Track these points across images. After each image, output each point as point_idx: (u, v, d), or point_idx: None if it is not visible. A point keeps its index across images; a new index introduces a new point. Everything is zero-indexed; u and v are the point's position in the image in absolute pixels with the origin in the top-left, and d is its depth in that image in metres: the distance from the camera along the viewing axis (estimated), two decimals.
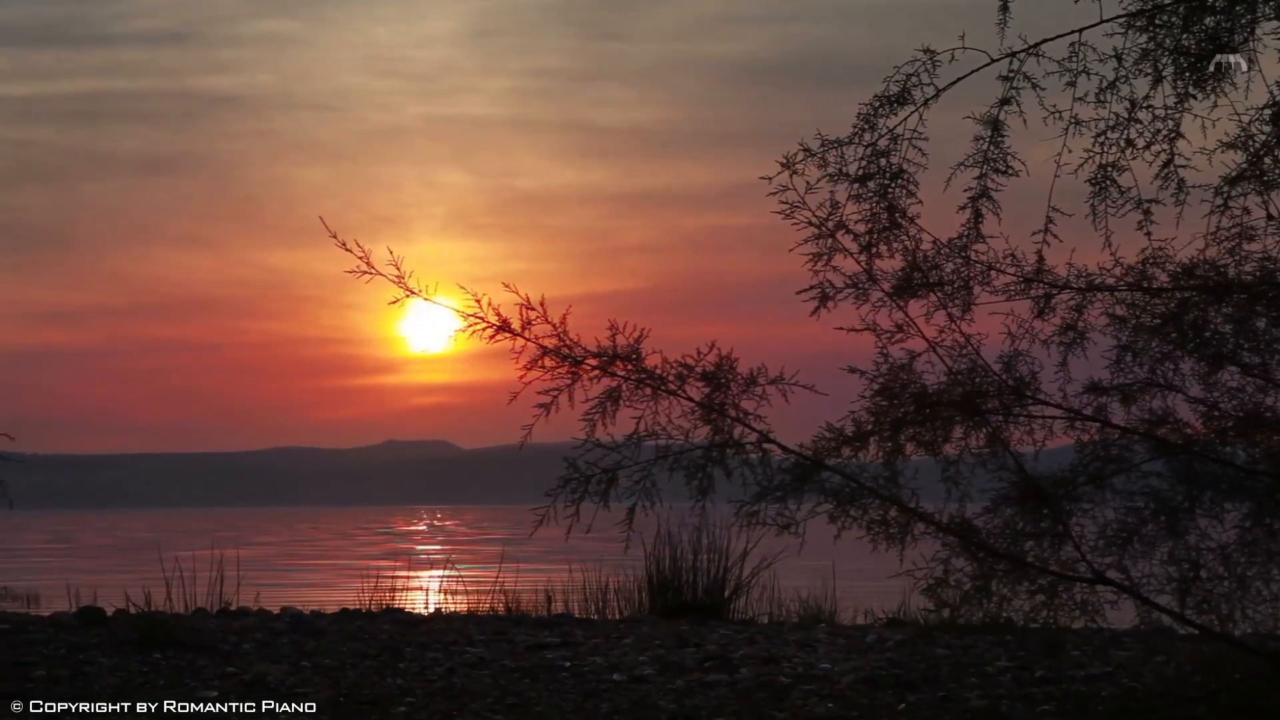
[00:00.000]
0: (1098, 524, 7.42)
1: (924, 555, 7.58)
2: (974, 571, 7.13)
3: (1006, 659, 10.47)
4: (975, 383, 7.30)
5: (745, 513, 7.05)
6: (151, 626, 11.09)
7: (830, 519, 7.13)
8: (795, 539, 7.12)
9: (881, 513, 7.05)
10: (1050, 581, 7.14)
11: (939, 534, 7.12)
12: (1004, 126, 7.22)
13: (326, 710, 8.58)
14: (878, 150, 7.17)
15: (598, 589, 15.17)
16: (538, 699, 8.97)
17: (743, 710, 8.62)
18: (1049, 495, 7.09)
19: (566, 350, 6.86)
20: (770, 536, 14.56)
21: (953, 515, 7.24)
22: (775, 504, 6.95)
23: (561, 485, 7.05)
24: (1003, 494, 7.23)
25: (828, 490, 7.08)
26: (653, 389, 6.83)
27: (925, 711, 8.49)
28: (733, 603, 14.86)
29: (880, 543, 7.15)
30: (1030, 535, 7.14)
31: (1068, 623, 7.47)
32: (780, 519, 7.05)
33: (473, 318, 6.93)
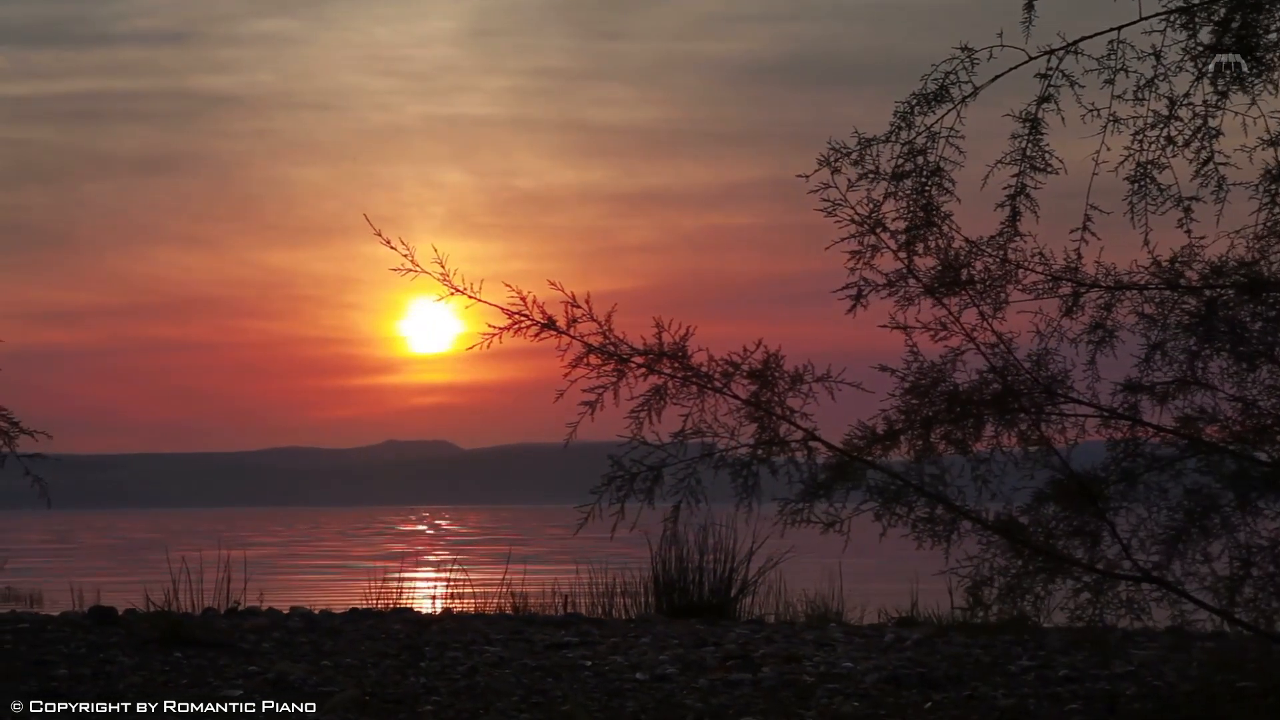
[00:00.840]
0: (1130, 523, 7.41)
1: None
2: (1019, 569, 7.11)
3: (1028, 658, 10.48)
4: (1008, 381, 7.29)
5: (789, 511, 7.04)
6: (171, 625, 11.09)
7: (875, 517, 7.12)
8: (838, 535, 7.09)
9: (928, 511, 7.04)
10: (1095, 579, 7.12)
11: (984, 532, 7.10)
12: (1043, 124, 7.22)
13: (353, 709, 8.57)
14: (915, 148, 7.17)
15: (606, 589, 15.16)
16: (562, 698, 8.97)
17: (769, 709, 8.61)
18: (1095, 493, 7.08)
19: (611, 348, 6.84)
20: (776, 536, 14.60)
21: (998, 513, 7.22)
22: (820, 502, 6.93)
23: (606, 483, 7.03)
24: (1044, 491, 7.21)
25: (872, 488, 7.07)
26: (698, 387, 6.81)
27: (952, 710, 8.49)
28: (739, 602, 14.88)
29: (925, 541, 7.14)
30: (1074, 533, 7.13)
31: (1113, 621, 7.46)
32: (825, 517, 7.03)
33: (518, 315, 6.90)
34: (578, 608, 15.07)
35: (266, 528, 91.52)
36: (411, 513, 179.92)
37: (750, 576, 15.01)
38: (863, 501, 7.09)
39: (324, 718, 8.31)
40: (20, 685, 9.20)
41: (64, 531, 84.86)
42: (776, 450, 6.83)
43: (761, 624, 13.65)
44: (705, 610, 14.47)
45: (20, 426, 8.83)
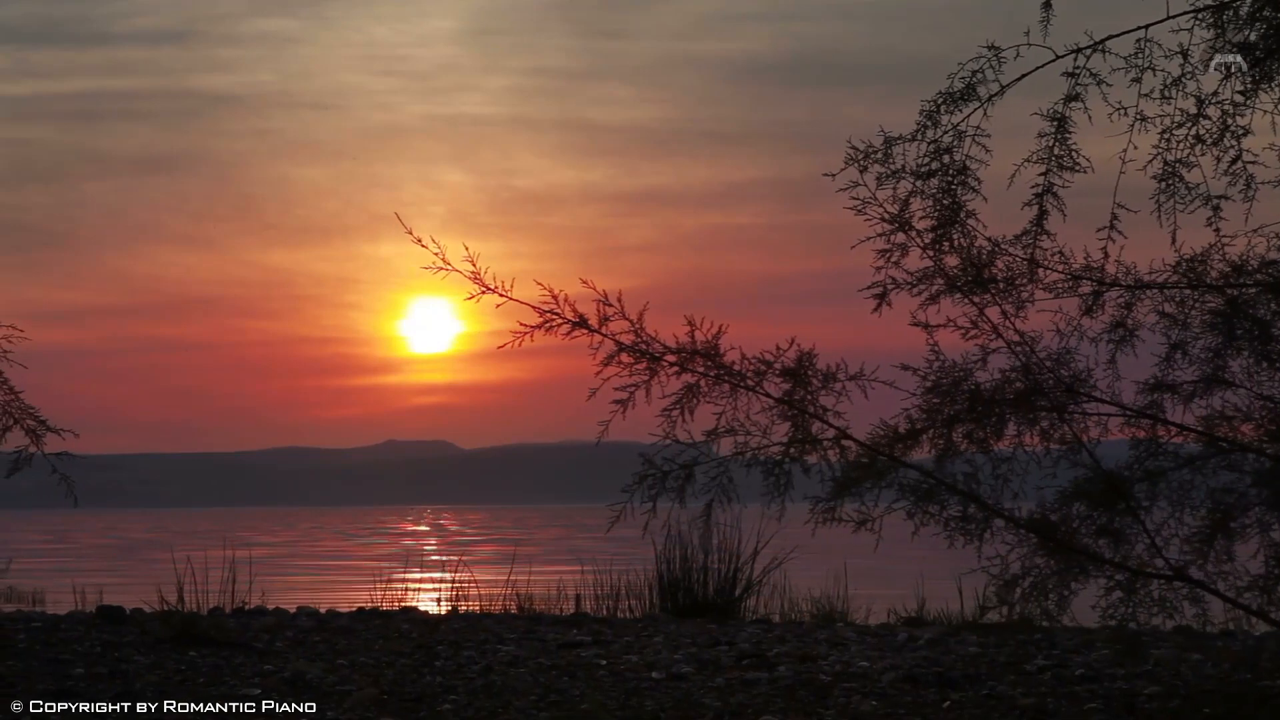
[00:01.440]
0: (1153, 521, 7.40)
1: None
2: (1051, 568, 7.10)
3: (1043, 657, 10.47)
4: (1031, 379, 7.28)
5: (821, 510, 7.03)
6: (185, 624, 11.08)
7: (907, 516, 7.11)
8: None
9: (961, 509, 7.03)
10: (1127, 578, 7.11)
11: (1017, 531, 7.09)
12: (1070, 123, 7.21)
13: (372, 708, 8.57)
14: (941, 147, 7.16)
15: (611, 589, 15.15)
16: (580, 696, 8.97)
17: (788, 707, 8.61)
18: (1126, 491, 7.07)
19: (643, 347, 6.83)
20: (780, 536, 14.62)
21: (1031, 512, 7.22)
22: (852, 501, 6.92)
23: (638, 481, 7.02)
24: (1074, 489, 7.21)
25: (905, 487, 7.06)
26: (731, 385, 6.80)
27: (971, 710, 8.48)
28: (743, 602, 14.87)
29: (956, 539, 7.13)
30: (1104, 531, 7.12)
31: (1146, 620, 7.45)
32: (857, 516, 7.03)
33: (549, 314, 6.89)
34: (584, 607, 15.06)
35: (267, 527, 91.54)
36: (410, 513, 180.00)
37: (755, 576, 15.01)
38: (895, 500, 7.08)
39: (344, 716, 8.30)
40: (37, 684, 9.20)
41: (63, 531, 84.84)
42: (809, 449, 6.81)
43: (771, 624, 13.64)
44: (710, 610, 14.47)
45: (48, 425, 8.82)
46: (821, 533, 7.12)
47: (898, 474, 7.04)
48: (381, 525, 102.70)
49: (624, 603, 15.04)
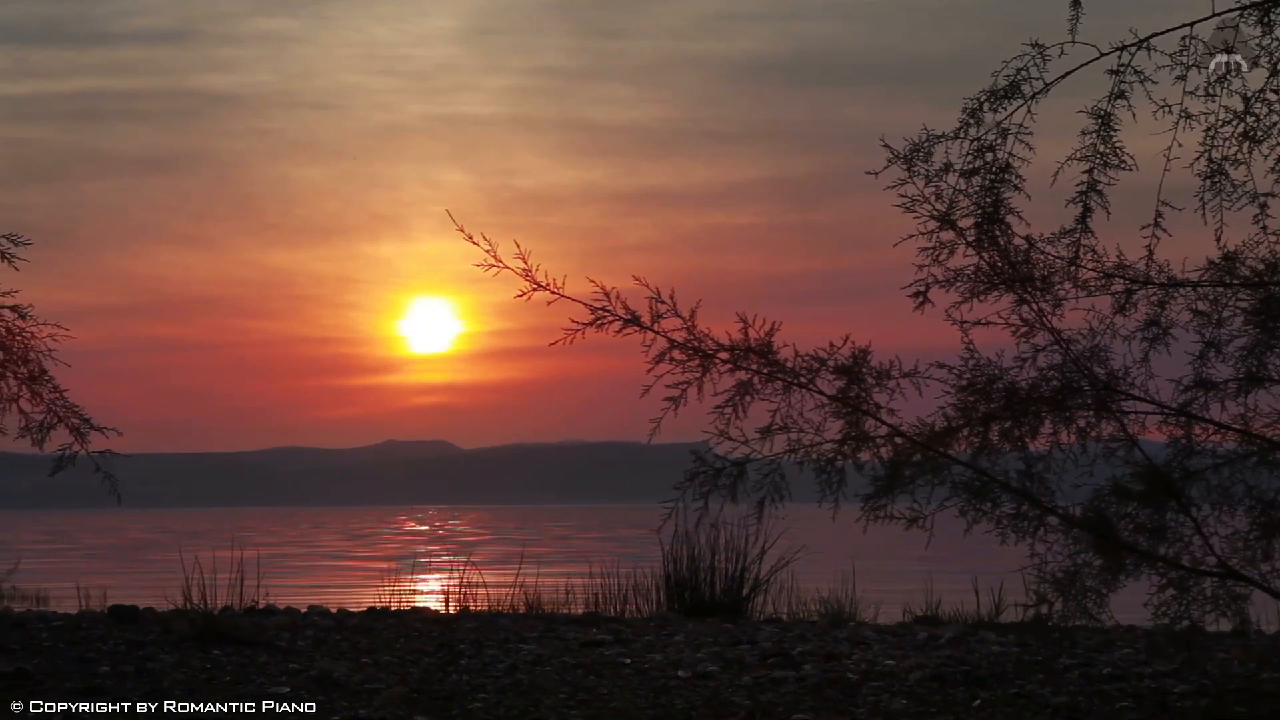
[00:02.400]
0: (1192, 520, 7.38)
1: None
2: (1103, 566, 7.09)
3: (1068, 656, 10.47)
4: (1068, 378, 7.28)
5: (872, 507, 7.02)
6: (207, 623, 11.08)
7: (960, 513, 7.10)
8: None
9: (1014, 507, 7.02)
10: (1180, 575, 7.11)
11: (1070, 528, 7.08)
12: (1114, 120, 7.21)
13: (403, 706, 8.57)
14: (984, 145, 7.16)
15: (619, 588, 15.14)
16: (609, 695, 8.96)
17: (818, 706, 8.61)
18: (1177, 489, 7.06)
19: (695, 344, 6.81)
20: (787, 536, 14.61)
21: (1084, 509, 7.21)
22: (903, 498, 6.91)
23: (690, 479, 7.00)
24: (1123, 487, 7.19)
25: (958, 484, 7.05)
26: (784, 383, 6.79)
27: (1003, 708, 8.48)
28: (751, 601, 14.87)
29: (1009, 536, 7.12)
30: (1156, 529, 7.11)
31: (1199, 617, 7.44)
32: (909, 513, 7.02)
33: (601, 311, 6.88)
34: (593, 607, 15.06)
35: (268, 527, 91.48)
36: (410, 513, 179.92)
37: (762, 576, 15.01)
38: (947, 498, 7.07)
39: (375, 715, 8.30)
40: (64, 682, 9.19)
41: (64, 532, 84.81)
42: (863, 446, 6.80)
43: (789, 623, 13.62)
44: (718, 610, 14.47)
45: (91, 423, 8.81)
46: (824, 532, 7.12)
47: (951, 471, 7.02)
48: (385, 525, 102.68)
49: (632, 602, 15.03)
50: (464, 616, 13.64)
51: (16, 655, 10.12)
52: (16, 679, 9.27)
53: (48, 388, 8.65)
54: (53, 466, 8.87)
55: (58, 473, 8.92)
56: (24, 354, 8.51)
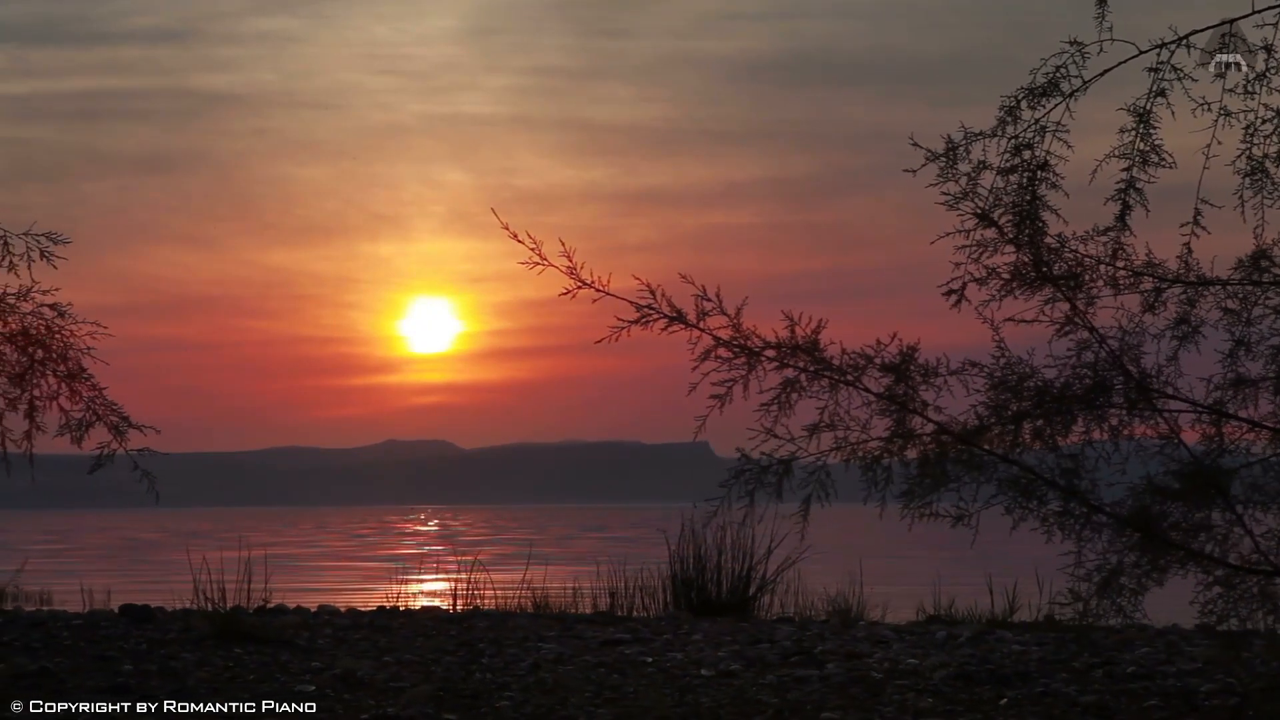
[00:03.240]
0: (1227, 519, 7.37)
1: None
2: (1148, 563, 7.08)
3: (1090, 654, 10.46)
4: (1100, 376, 7.27)
5: (917, 505, 7.01)
6: (227, 622, 11.08)
7: (1006, 511, 7.09)
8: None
9: (1062, 504, 7.01)
10: (1226, 574, 7.09)
11: (1114, 526, 7.07)
12: (1153, 118, 7.20)
13: (430, 704, 8.56)
14: (1021, 143, 7.15)
15: (626, 587, 15.14)
16: (635, 693, 8.96)
17: (846, 704, 8.60)
18: (1224, 486, 7.05)
19: (741, 342, 6.80)
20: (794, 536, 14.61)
21: (1131, 507, 7.19)
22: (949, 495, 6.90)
23: (735, 476, 6.99)
24: (1168, 485, 7.17)
25: (1004, 481, 7.04)
26: (830, 381, 6.78)
27: (1030, 707, 8.47)
28: (758, 600, 14.87)
29: (1054, 534, 7.11)
30: (1202, 527, 7.10)
31: (1247, 615, 7.43)
32: (955, 511, 7.01)
33: (646, 309, 6.86)
34: (602, 605, 15.06)
35: (269, 527, 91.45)
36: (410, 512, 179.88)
37: (769, 575, 15.01)
38: (993, 495, 7.06)
39: (404, 713, 8.30)
40: (88, 680, 9.19)
41: (64, 532, 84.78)
42: (909, 444, 6.79)
43: (807, 622, 13.62)
44: (725, 609, 14.48)
45: (130, 421, 8.80)
46: (829, 532, 7.11)
47: (996, 469, 7.01)
48: (386, 525, 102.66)
49: (643, 601, 15.03)
50: (475, 615, 13.64)
51: (39, 654, 10.12)
52: (40, 678, 9.27)
53: (86, 385, 8.64)
54: (91, 464, 8.85)
55: (96, 470, 8.90)
56: (63, 352, 8.51)
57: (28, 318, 8.42)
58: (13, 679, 9.17)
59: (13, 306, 8.37)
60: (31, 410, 8.66)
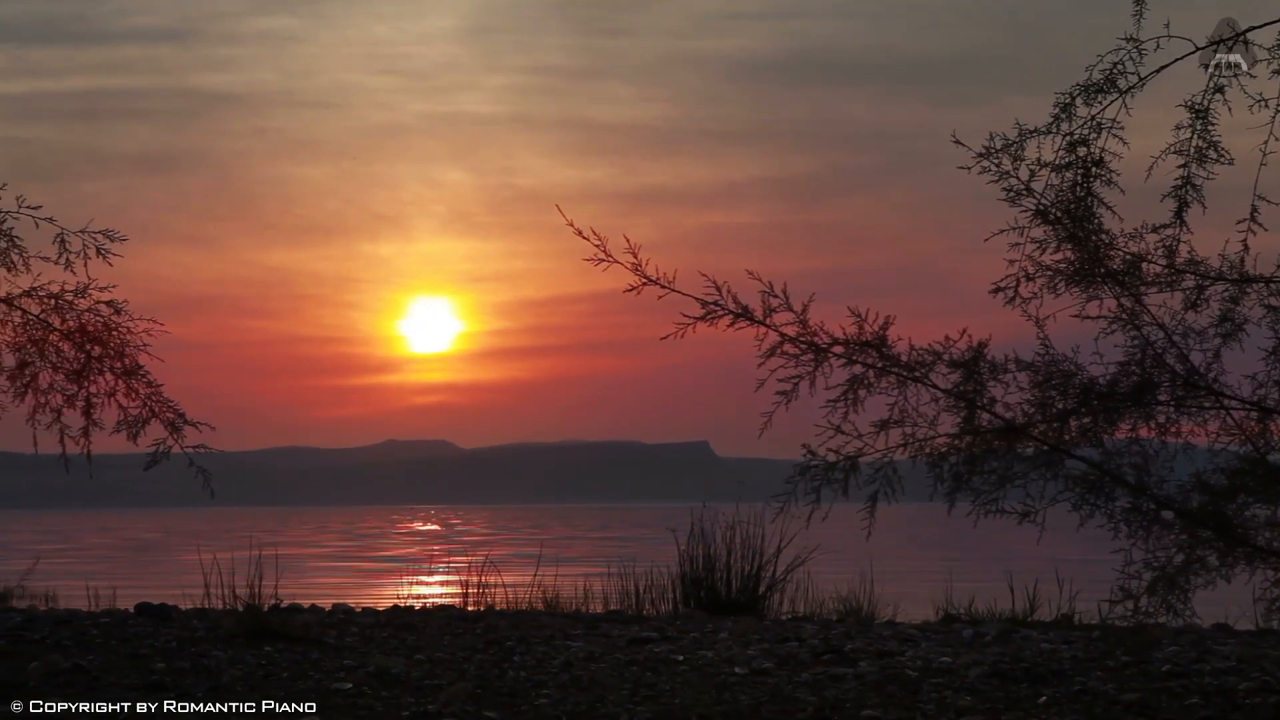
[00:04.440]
0: None
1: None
2: (1221, 560, 7.06)
3: (1122, 652, 10.45)
4: (1146, 372, 7.26)
5: (983, 502, 6.99)
6: (256, 620, 11.07)
7: (1073, 507, 7.08)
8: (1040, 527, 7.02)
9: (1130, 501, 6.99)
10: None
11: (1183, 524, 7.05)
12: (1212, 115, 7.19)
13: (469, 702, 8.55)
14: (1076, 140, 7.14)
15: (638, 587, 15.14)
16: (671, 691, 8.95)
17: (885, 702, 8.59)
18: None
19: (807, 338, 6.79)
20: (803, 536, 14.61)
21: (1201, 504, 7.17)
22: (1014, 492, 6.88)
23: (801, 473, 6.97)
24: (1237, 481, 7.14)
25: (1071, 478, 7.03)
26: (898, 377, 6.77)
27: (1071, 705, 8.46)
28: (768, 600, 14.88)
29: (1122, 532, 7.09)
30: (1272, 523, 7.08)
31: None
32: (1022, 507, 7.00)
33: (712, 305, 6.85)
34: (612, 605, 15.06)
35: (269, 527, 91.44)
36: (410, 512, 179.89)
37: (779, 575, 15.02)
38: (1060, 492, 7.05)
39: (444, 710, 8.29)
40: (123, 678, 9.18)
41: (64, 532, 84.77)
42: (978, 440, 6.77)
43: (833, 620, 13.62)
44: (734, 608, 14.48)
45: (186, 418, 8.80)
46: (835, 532, 7.09)
47: (1064, 465, 7.00)
48: (388, 525, 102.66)
49: (652, 600, 15.03)
50: (491, 614, 13.63)
51: (71, 652, 10.11)
52: (74, 675, 9.26)
53: (143, 382, 8.63)
54: (147, 461, 8.84)
55: (151, 467, 8.90)
56: (120, 348, 8.50)
57: (85, 315, 8.42)
58: (47, 676, 9.16)
59: (70, 304, 8.36)
60: (89, 407, 8.64)
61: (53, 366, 8.49)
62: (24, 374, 8.45)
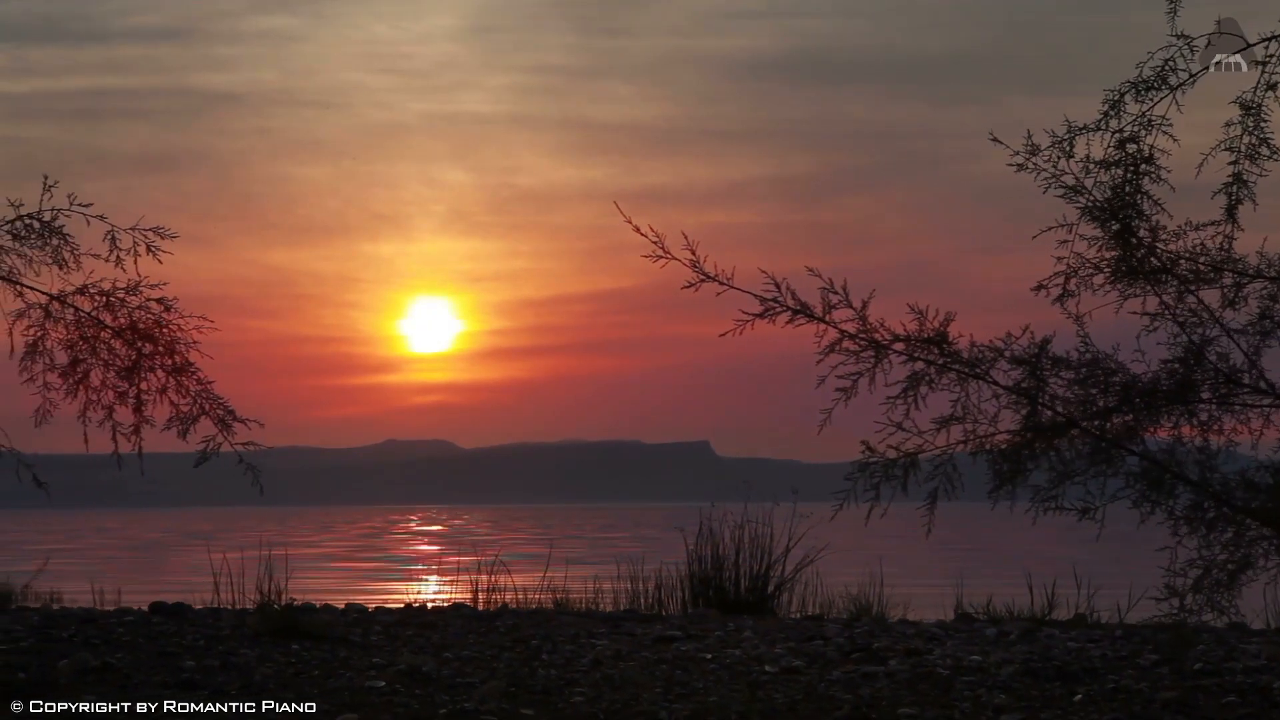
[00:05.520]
0: None
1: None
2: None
3: (1150, 651, 10.43)
4: (1190, 369, 7.25)
5: (1042, 499, 6.98)
6: (283, 619, 11.05)
7: (1133, 504, 7.06)
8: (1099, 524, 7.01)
9: (1193, 498, 6.98)
10: None
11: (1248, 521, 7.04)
12: (1265, 111, 7.18)
13: (505, 699, 8.55)
14: (1125, 136, 7.13)
15: (647, 586, 15.14)
16: (704, 689, 8.94)
17: (919, 700, 8.58)
18: None
19: (867, 335, 6.78)
20: (811, 536, 14.57)
21: (1263, 501, 7.16)
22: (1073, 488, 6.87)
23: (859, 470, 6.96)
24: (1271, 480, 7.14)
25: (1132, 475, 7.01)
26: (959, 374, 6.76)
27: (1107, 703, 8.45)
28: (777, 599, 14.87)
29: (1182, 530, 7.08)
30: None
31: None
32: (1081, 504, 6.99)
33: (771, 302, 6.84)
34: (621, 604, 15.06)
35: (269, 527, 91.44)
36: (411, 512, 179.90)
37: (787, 574, 15.02)
38: (1120, 489, 7.04)
39: (483, 708, 8.28)
40: (154, 676, 9.16)
41: (66, 532, 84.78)
42: (1039, 437, 6.76)
43: (854, 619, 13.61)
44: (743, 607, 14.48)
45: (236, 415, 8.79)
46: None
47: (1124, 462, 6.99)
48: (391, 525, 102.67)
49: (661, 599, 15.03)
50: (505, 613, 13.62)
51: (99, 650, 10.10)
52: (104, 673, 9.25)
53: (193, 380, 8.62)
54: (197, 459, 8.83)
55: (201, 465, 8.89)
56: (170, 345, 8.49)
57: (136, 312, 8.41)
58: (77, 674, 9.15)
59: (122, 301, 8.35)
60: (139, 404, 8.63)
61: (104, 364, 8.46)
62: (76, 371, 8.43)
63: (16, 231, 8.26)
